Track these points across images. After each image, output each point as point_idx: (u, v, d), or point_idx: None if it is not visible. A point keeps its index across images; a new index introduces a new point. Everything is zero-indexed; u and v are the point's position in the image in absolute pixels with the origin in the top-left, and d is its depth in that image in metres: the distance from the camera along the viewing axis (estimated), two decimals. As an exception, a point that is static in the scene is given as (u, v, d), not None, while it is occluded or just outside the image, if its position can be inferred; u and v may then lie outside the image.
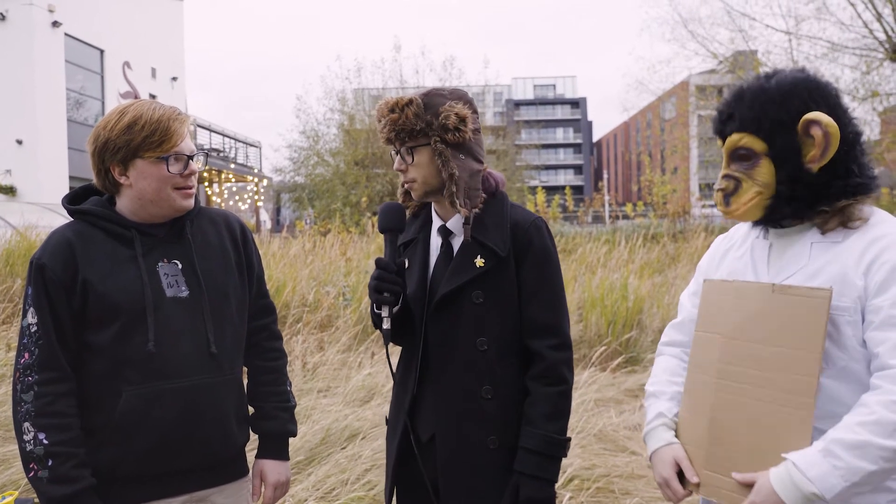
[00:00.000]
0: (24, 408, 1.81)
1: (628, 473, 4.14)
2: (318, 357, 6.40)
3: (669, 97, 43.36)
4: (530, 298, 2.03)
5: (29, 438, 1.80)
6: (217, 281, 2.00)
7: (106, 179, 1.94)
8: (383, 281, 1.96)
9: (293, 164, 32.69)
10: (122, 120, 1.89)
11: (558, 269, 2.08)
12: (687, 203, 19.45)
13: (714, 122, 1.82)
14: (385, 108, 2.02)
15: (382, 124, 2.03)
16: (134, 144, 1.88)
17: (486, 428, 1.99)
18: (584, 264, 10.35)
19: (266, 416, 2.15)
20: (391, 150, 2.08)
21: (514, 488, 1.96)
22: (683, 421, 1.81)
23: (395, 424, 2.12)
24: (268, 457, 2.15)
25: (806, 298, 1.59)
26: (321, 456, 4.33)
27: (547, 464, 1.97)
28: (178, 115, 1.94)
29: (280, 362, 2.22)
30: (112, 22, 26.17)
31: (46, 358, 1.82)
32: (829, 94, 1.70)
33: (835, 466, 1.46)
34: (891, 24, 18.36)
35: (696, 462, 1.73)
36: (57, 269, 1.85)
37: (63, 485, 1.78)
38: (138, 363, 1.86)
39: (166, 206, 1.94)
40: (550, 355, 2.00)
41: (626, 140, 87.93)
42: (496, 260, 2.00)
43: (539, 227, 2.07)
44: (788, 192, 1.69)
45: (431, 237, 2.14)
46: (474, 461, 1.99)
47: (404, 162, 2.03)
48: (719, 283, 1.80)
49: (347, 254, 10.68)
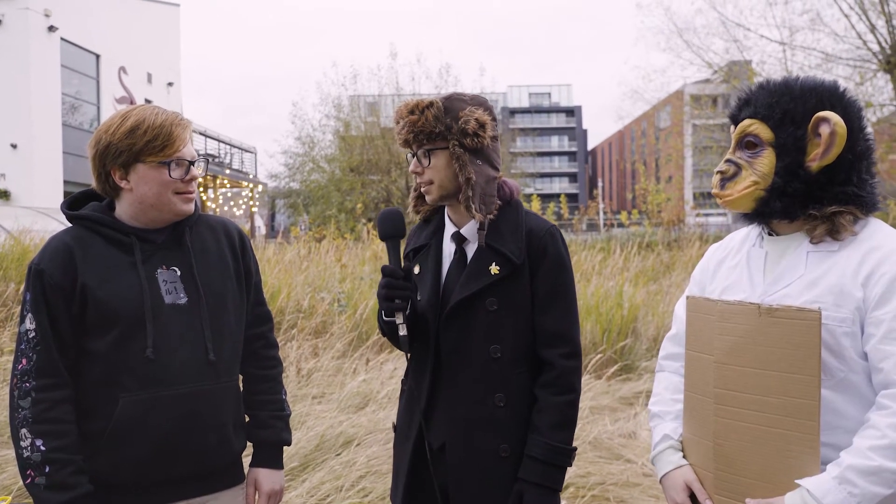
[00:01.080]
0: (22, 414, 1.80)
1: (623, 481, 4.14)
2: (312, 363, 6.38)
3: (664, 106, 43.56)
4: (544, 307, 2.02)
5: (26, 445, 1.79)
6: (215, 288, 1.99)
7: (106, 183, 1.93)
8: (393, 288, 1.95)
9: (288, 169, 32.70)
10: (125, 124, 1.88)
11: (572, 278, 2.08)
12: (681, 212, 19.53)
13: (731, 107, 1.82)
14: (405, 109, 2.01)
15: (401, 125, 2.02)
16: (136, 149, 1.87)
17: (498, 436, 1.98)
18: (579, 272, 10.35)
19: (261, 424, 2.14)
20: (407, 153, 2.07)
21: (517, 496, 1.96)
22: (689, 443, 1.77)
23: (406, 431, 2.10)
24: (262, 465, 2.14)
25: (796, 321, 1.52)
26: (315, 462, 4.32)
27: (552, 472, 1.96)
28: (181, 121, 1.94)
29: (276, 371, 2.21)
30: (108, 27, 26.17)
31: (44, 364, 1.82)
32: (849, 104, 1.69)
33: (851, 493, 1.45)
34: (884, 36, 18.47)
35: (707, 485, 1.69)
36: (56, 275, 1.84)
37: (60, 491, 1.77)
38: (136, 370, 1.85)
39: (167, 210, 1.94)
40: (562, 364, 2.00)
41: (621, 149, 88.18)
42: (511, 267, 2.00)
43: (554, 235, 2.06)
44: (782, 186, 1.68)
45: (444, 243, 2.13)
46: (485, 469, 1.98)
47: (420, 164, 2.02)
48: (703, 301, 1.73)
49: (342, 260, 10.66)
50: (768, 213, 1.72)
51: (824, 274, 1.63)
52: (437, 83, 30.62)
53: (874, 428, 1.50)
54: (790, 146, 1.68)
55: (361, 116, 30.50)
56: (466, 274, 2.02)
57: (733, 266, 1.84)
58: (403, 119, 2.01)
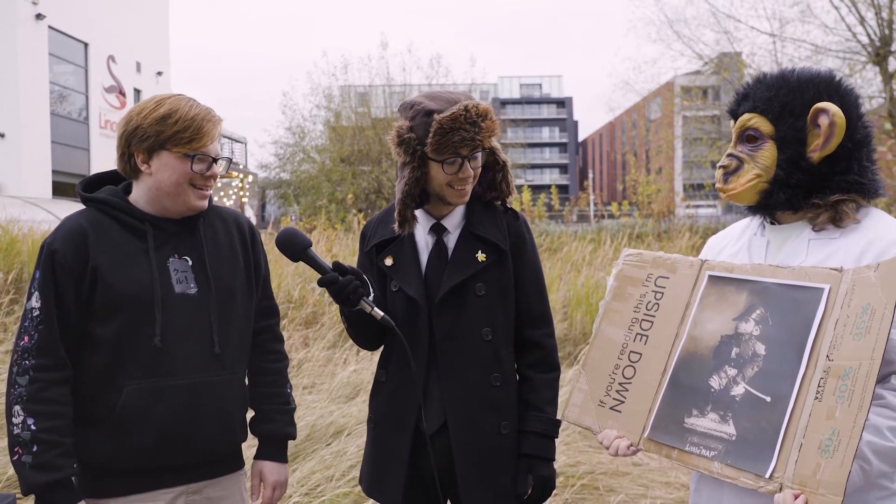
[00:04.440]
0: (17, 391, 1.81)
1: (613, 470, 4.17)
2: (303, 353, 6.39)
3: (655, 98, 43.64)
4: (526, 290, 2.15)
5: (18, 422, 1.79)
6: (225, 280, 2.00)
7: (127, 164, 1.94)
8: (341, 289, 1.94)
9: (279, 160, 32.50)
10: (158, 110, 1.89)
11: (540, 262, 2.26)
12: (671, 203, 19.57)
13: (730, 102, 1.83)
14: (474, 114, 2.01)
15: (476, 130, 2.01)
16: (164, 136, 1.88)
17: (498, 414, 2.08)
18: (570, 263, 10.38)
19: (266, 418, 2.16)
20: (454, 160, 2.03)
21: (525, 471, 2.06)
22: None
23: (398, 420, 2.11)
24: (267, 458, 2.16)
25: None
26: (306, 452, 4.33)
27: (551, 445, 2.11)
28: (213, 117, 1.95)
29: (282, 364, 2.22)
30: (97, 15, 25.96)
31: (45, 344, 1.82)
32: (846, 93, 1.71)
33: (863, 469, 1.46)
34: (874, 28, 18.53)
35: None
36: (68, 255, 1.84)
37: (45, 472, 1.77)
38: (142, 358, 1.86)
39: (181, 202, 1.94)
40: (549, 343, 2.17)
41: (612, 140, 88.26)
42: (498, 254, 2.10)
43: (526, 222, 2.23)
44: (785, 178, 1.70)
45: (418, 236, 2.16)
46: (489, 447, 2.07)
47: (472, 168, 2.06)
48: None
49: (333, 250, 10.65)
50: (772, 205, 1.74)
51: (825, 260, 1.64)
52: (427, 73, 30.52)
53: (893, 409, 1.49)
54: (790, 138, 1.70)
55: (352, 107, 30.36)
56: (454, 262, 2.09)
57: (734, 254, 1.85)
58: (479, 124, 2.01)
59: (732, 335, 1.61)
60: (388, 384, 2.14)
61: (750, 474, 1.47)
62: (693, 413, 1.59)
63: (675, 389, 1.65)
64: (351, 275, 1.97)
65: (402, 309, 2.09)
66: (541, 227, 16.65)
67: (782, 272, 1.60)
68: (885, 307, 1.39)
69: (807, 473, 1.38)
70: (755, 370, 1.55)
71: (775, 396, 1.49)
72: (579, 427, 1.83)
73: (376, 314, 1.98)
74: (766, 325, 1.57)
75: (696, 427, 1.58)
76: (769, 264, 1.66)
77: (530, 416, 2.09)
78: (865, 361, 1.38)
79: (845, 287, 1.49)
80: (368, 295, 2.00)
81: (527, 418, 2.10)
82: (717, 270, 1.72)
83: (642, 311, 1.79)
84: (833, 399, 1.40)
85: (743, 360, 1.57)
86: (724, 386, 1.57)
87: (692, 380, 1.63)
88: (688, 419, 1.60)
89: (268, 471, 2.14)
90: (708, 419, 1.57)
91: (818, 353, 1.47)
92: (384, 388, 2.16)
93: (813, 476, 1.36)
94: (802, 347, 1.49)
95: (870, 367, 1.37)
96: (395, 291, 2.12)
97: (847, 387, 1.39)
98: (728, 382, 1.57)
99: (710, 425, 1.56)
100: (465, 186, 2.07)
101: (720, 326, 1.64)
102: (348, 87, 31.15)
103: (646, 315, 1.78)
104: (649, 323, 1.77)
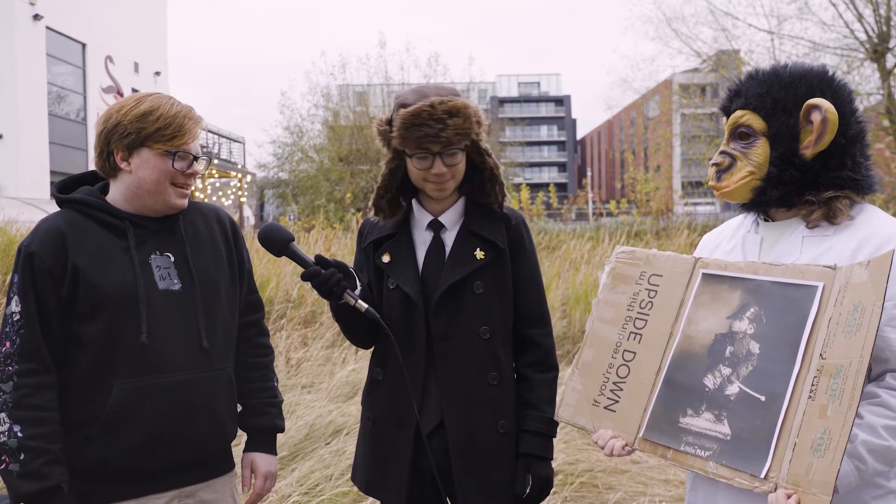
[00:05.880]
0: (2, 398, 1.78)
1: (612, 468, 4.17)
2: (301, 353, 6.39)
3: (653, 95, 43.61)
4: (524, 289, 2.15)
5: (4, 430, 1.77)
6: (209, 275, 1.99)
7: (106, 162, 1.93)
8: (324, 282, 1.93)
9: (277, 160, 32.52)
10: (139, 108, 1.89)
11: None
12: (670, 201, 19.58)
13: (722, 99, 1.82)
14: (440, 111, 1.97)
15: (441, 127, 1.98)
16: (145, 133, 1.88)
17: (495, 413, 2.08)
18: (568, 261, 10.38)
19: (255, 412, 2.16)
20: (425, 156, 2.02)
21: (524, 470, 2.06)
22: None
23: (397, 419, 2.10)
24: (257, 450, 2.17)
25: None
26: (305, 451, 4.33)
27: (549, 444, 2.10)
28: (193, 115, 1.95)
29: (268, 359, 2.22)
30: (94, 15, 25.92)
31: (28, 348, 1.80)
32: (838, 88, 1.70)
33: (858, 468, 1.45)
34: (871, 25, 18.55)
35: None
36: (47, 258, 1.82)
37: (33, 480, 1.75)
38: (129, 356, 1.84)
39: (161, 200, 1.94)
40: (547, 343, 2.16)
41: (610, 138, 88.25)
42: (496, 252, 2.09)
43: (524, 222, 2.21)
44: (778, 175, 1.69)
45: (415, 232, 2.15)
46: (488, 446, 2.06)
47: (447, 165, 2.03)
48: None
49: (332, 250, 10.64)
50: (766, 202, 1.73)
51: (819, 257, 1.63)
52: (426, 72, 30.54)
53: (888, 408, 1.48)
54: (783, 135, 1.69)
55: (350, 106, 30.37)
56: (452, 260, 2.08)
57: (728, 251, 1.84)
58: (442, 122, 1.98)
59: (727, 334, 1.61)
60: (387, 382, 2.13)
61: (745, 474, 1.47)
62: (688, 412, 1.59)
63: (670, 389, 1.65)
64: (334, 268, 1.96)
65: (398, 306, 2.09)
66: (539, 226, 16.64)
67: (776, 270, 1.60)
68: (874, 304, 1.39)
69: (800, 473, 1.38)
70: (749, 369, 1.54)
71: (770, 395, 1.49)
72: (574, 427, 1.83)
73: (360, 307, 1.97)
74: (761, 324, 1.57)
75: (691, 427, 1.58)
76: (763, 262, 1.65)
77: (528, 416, 2.09)
78: (856, 359, 1.38)
79: (839, 284, 1.49)
80: (354, 288, 2.00)
81: (525, 417, 2.09)
82: (711, 268, 1.71)
83: (636, 310, 1.79)
84: (826, 397, 1.40)
85: (737, 359, 1.57)
86: (718, 385, 1.57)
87: (687, 379, 1.63)
88: (683, 419, 1.60)
89: (259, 461, 2.15)
90: (703, 419, 1.57)
91: (812, 352, 1.47)
92: (382, 386, 2.15)
93: (806, 475, 1.36)
94: (797, 346, 1.49)
95: (859, 364, 1.37)
96: (391, 289, 2.11)
97: (838, 385, 1.39)
98: (723, 381, 1.57)
99: (705, 425, 1.56)
100: (441, 182, 2.05)
101: (714, 325, 1.64)
102: (346, 87, 31.16)
103: (640, 313, 1.78)
104: (643, 321, 1.76)
